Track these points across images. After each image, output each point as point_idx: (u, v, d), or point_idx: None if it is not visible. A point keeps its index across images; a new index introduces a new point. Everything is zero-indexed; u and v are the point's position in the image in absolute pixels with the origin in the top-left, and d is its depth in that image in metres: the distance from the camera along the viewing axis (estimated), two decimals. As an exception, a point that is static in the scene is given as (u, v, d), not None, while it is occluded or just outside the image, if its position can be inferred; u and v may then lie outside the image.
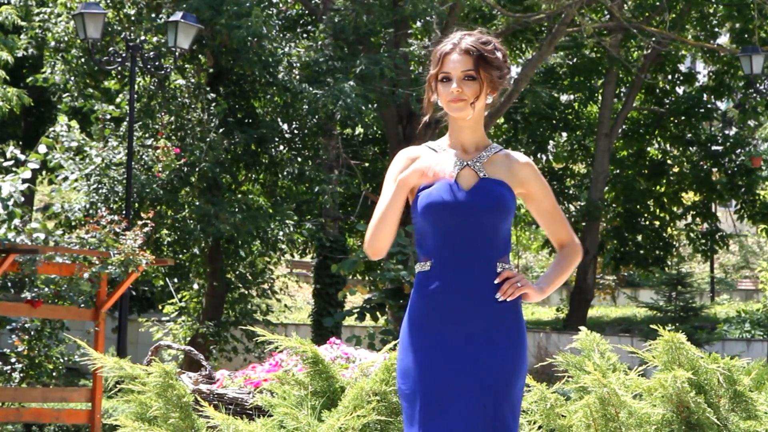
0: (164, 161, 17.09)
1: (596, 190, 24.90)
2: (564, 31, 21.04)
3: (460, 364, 3.72)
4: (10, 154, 11.73)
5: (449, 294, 3.76)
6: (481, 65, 3.79)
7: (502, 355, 3.73)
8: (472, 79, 3.79)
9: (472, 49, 3.79)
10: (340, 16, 18.84)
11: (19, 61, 20.26)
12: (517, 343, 3.77)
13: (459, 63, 3.79)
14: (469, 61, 3.79)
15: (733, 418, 5.13)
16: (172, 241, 18.34)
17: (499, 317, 3.76)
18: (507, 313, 3.77)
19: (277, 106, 18.83)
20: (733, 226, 30.79)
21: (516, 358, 3.76)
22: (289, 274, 24.68)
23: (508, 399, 3.72)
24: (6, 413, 11.83)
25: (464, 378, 3.70)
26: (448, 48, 3.81)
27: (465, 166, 3.84)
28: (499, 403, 3.70)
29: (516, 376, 3.76)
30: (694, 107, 25.78)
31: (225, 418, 5.21)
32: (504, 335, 3.75)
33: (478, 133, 3.88)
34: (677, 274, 22.26)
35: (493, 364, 3.71)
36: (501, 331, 3.75)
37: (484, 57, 3.79)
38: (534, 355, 21.71)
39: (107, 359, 5.74)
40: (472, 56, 3.78)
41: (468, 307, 3.74)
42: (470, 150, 3.88)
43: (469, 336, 3.73)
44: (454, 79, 3.79)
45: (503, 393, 3.71)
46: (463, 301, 3.75)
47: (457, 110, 3.81)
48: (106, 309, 11.85)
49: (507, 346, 3.74)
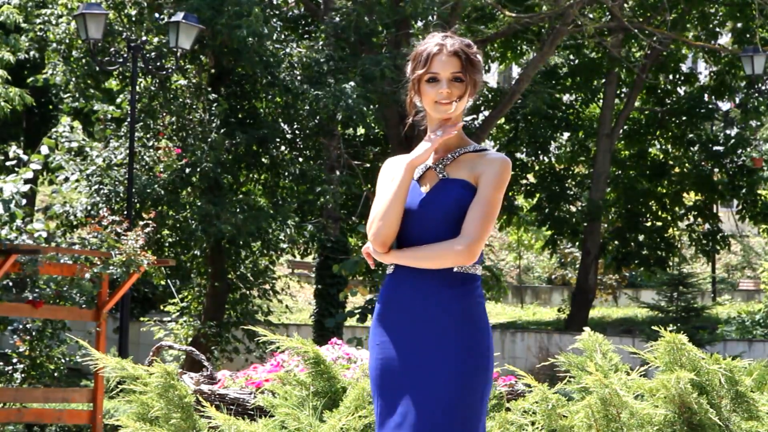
0: (165, 161, 17.10)
1: (597, 190, 24.90)
2: (565, 32, 21.04)
3: (411, 368, 3.67)
4: (13, 155, 11.74)
5: (406, 297, 3.73)
6: (468, 68, 3.77)
7: (453, 360, 3.64)
8: (460, 81, 3.77)
9: (460, 52, 3.77)
10: (341, 16, 18.85)
11: (20, 62, 20.27)
12: (470, 348, 3.66)
13: (447, 64, 3.76)
14: (457, 63, 3.76)
15: (734, 419, 5.12)
16: (173, 242, 18.34)
17: (454, 321, 3.67)
18: (462, 315, 3.69)
19: (279, 106, 18.83)
20: (735, 226, 30.79)
21: (469, 365, 3.65)
22: (291, 275, 24.70)
23: (463, 409, 3.63)
24: (7, 414, 11.83)
25: (415, 382, 3.66)
26: (435, 49, 3.78)
27: (428, 168, 3.81)
28: (452, 413, 3.62)
29: (470, 384, 3.64)
30: (695, 107, 25.77)
31: (226, 419, 5.21)
32: (458, 340, 3.66)
33: (455, 134, 3.82)
34: (679, 275, 22.25)
35: (444, 373, 3.64)
36: (455, 335, 3.66)
37: (470, 60, 3.78)
38: (535, 356, 21.72)
39: (109, 359, 5.75)
40: (461, 58, 3.76)
41: (422, 311, 3.69)
42: (439, 152, 3.83)
43: (421, 340, 3.68)
44: (443, 81, 3.76)
45: (455, 403, 3.62)
46: (417, 304, 3.70)
47: (445, 112, 3.78)
48: (107, 309, 11.86)
49: (461, 351, 3.65)
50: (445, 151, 3.82)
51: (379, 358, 3.74)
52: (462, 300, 3.70)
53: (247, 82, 18.74)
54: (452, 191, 3.74)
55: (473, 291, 3.72)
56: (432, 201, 3.74)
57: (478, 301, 3.73)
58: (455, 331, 3.67)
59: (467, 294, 3.72)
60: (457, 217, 3.71)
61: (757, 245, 34.75)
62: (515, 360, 21.63)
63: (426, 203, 3.74)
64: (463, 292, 3.71)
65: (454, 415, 3.61)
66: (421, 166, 3.81)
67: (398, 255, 3.73)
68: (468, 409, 3.64)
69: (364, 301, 19.00)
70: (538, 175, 26.66)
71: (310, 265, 26.98)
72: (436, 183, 3.77)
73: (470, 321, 3.69)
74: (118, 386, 5.73)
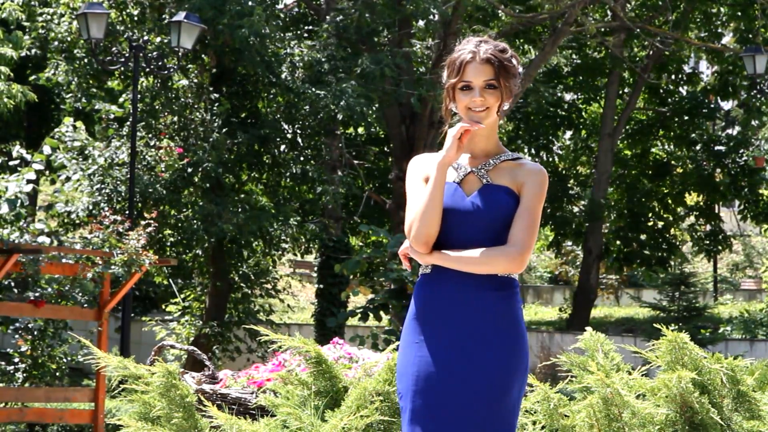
0: (167, 161, 17.10)
1: (599, 190, 24.88)
2: (567, 31, 21.03)
3: (452, 368, 3.71)
4: (16, 154, 11.75)
5: (446, 297, 3.77)
6: (501, 74, 3.80)
7: (495, 362, 3.70)
8: (493, 88, 3.80)
9: (492, 59, 3.79)
10: (343, 16, 18.85)
11: (22, 61, 20.26)
12: (512, 349, 3.73)
13: (480, 72, 3.79)
14: (490, 71, 3.79)
15: (736, 418, 5.12)
16: (175, 241, 18.34)
17: (495, 323, 3.73)
18: (503, 318, 3.75)
19: (280, 106, 18.84)
20: (737, 226, 30.76)
21: (510, 366, 3.72)
22: (292, 274, 24.71)
23: (501, 408, 3.69)
24: (9, 413, 11.84)
25: (455, 384, 3.70)
26: (468, 57, 3.80)
27: (470, 172, 3.84)
28: (492, 412, 3.68)
29: (509, 385, 3.71)
30: (697, 107, 25.77)
31: (228, 418, 5.21)
32: (498, 341, 3.72)
33: (491, 141, 3.88)
34: (680, 274, 22.24)
35: (485, 372, 3.69)
36: (495, 337, 3.72)
37: (504, 66, 3.80)
38: (537, 355, 21.71)
39: (111, 359, 5.75)
40: (494, 65, 3.79)
41: (463, 312, 3.74)
42: (479, 157, 3.87)
43: (462, 341, 3.72)
44: (476, 89, 3.79)
45: (495, 401, 3.68)
46: (458, 305, 3.74)
47: (480, 119, 3.81)
48: (109, 309, 11.86)
49: (501, 352, 3.71)
50: (485, 156, 3.87)
51: (418, 356, 3.77)
52: (504, 304, 3.76)
53: (248, 81, 18.75)
54: (498, 198, 3.79)
55: (514, 295, 3.79)
56: (477, 206, 3.78)
57: (519, 306, 3.80)
58: (497, 334, 3.73)
59: (509, 298, 3.78)
60: (500, 223, 3.77)
61: (758, 245, 34.74)
62: (517, 360, 21.59)
63: (470, 208, 3.78)
64: (504, 296, 3.77)
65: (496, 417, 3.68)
66: (462, 169, 3.85)
67: (443, 258, 3.76)
68: (507, 411, 3.71)
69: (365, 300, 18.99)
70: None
71: (311, 265, 26.98)
72: (479, 188, 3.82)
73: (512, 324, 3.76)
74: (119, 386, 5.73)
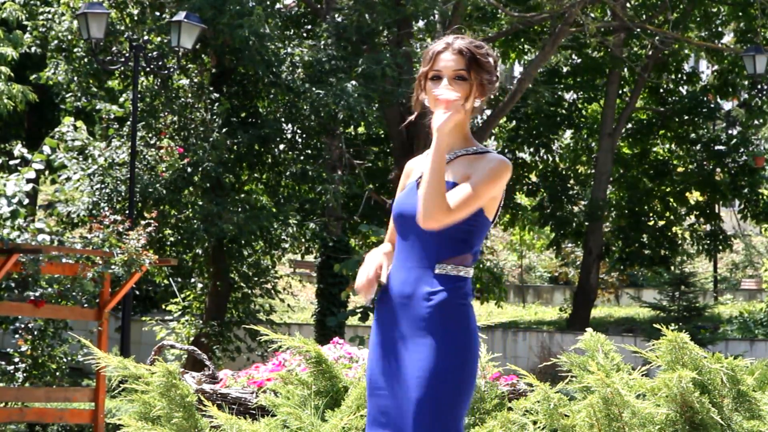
0: (167, 161, 17.10)
1: (599, 190, 24.88)
2: (567, 31, 21.04)
3: (391, 371, 3.70)
4: (17, 153, 11.74)
5: (392, 297, 3.75)
6: (473, 67, 3.73)
7: (426, 363, 3.62)
8: (463, 80, 3.74)
9: (465, 50, 3.74)
10: (343, 16, 18.85)
11: (22, 60, 20.27)
12: (446, 349, 3.62)
13: (451, 62, 3.74)
14: (461, 62, 3.73)
15: (736, 418, 5.12)
16: (175, 241, 18.34)
17: (429, 322, 3.65)
18: (435, 318, 3.66)
19: (280, 105, 18.84)
20: (737, 226, 30.76)
21: (443, 366, 3.61)
22: (293, 274, 24.70)
23: (434, 409, 3.61)
24: (9, 413, 11.83)
25: (394, 386, 3.69)
26: (441, 47, 3.76)
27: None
28: (423, 414, 3.61)
29: (439, 387, 3.61)
30: (697, 107, 25.78)
31: (228, 418, 5.21)
32: (429, 342, 3.64)
33: (459, 136, 3.79)
34: (680, 274, 22.25)
35: (416, 376, 3.63)
36: (427, 337, 3.64)
37: (476, 59, 3.74)
38: (537, 355, 21.72)
39: (111, 359, 5.75)
40: (465, 57, 3.73)
41: (402, 311, 3.70)
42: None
43: (400, 341, 3.69)
44: (445, 78, 3.73)
45: (427, 403, 3.61)
46: (398, 304, 3.71)
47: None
48: (109, 309, 11.86)
49: (434, 353, 3.62)
50: (449, 151, 3.78)
51: (370, 359, 3.81)
52: (441, 301, 3.67)
53: (248, 81, 18.75)
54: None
55: (454, 292, 3.69)
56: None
57: (460, 303, 3.69)
58: (433, 329, 3.65)
59: (447, 295, 3.68)
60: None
61: (759, 244, 34.75)
62: (517, 359, 21.63)
63: (417, 205, 3.70)
64: (441, 292, 3.68)
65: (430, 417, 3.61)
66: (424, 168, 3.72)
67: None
68: (442, 405, 3.62)
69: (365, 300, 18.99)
70: (540, 174, 26.65)
71: (311, 265, 26.98)
72: None
73: (449, 323, 3.66)
74: (120, 385, 5.73)
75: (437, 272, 3.69)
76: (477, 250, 3.76)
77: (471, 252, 3.73)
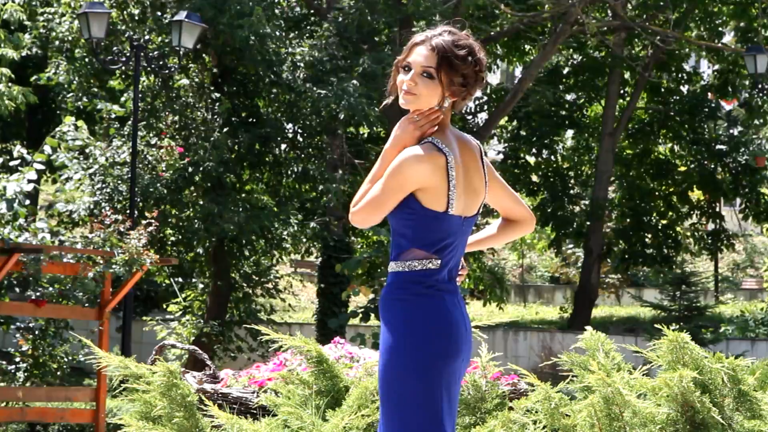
0: (168, 161, 17.11)
1: (600, 189, 24.88)
2: (568, 31, 21.03)
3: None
4: (17, 153, 11.75)
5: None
6: (443, 67, 3.63)
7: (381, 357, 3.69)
8: (430, 77, 3.64)
9: (440, 48, 3.63)
10: (344, 15, 18.85)
11: (23, 61, 20.27)
12: (381, 347, 3.68)
13: (422, 57, 3.65)
14: (432, 59, 3.63)
15: (737, 418, 5.12)
16: (176, 241, 18.35)
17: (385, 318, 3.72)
18: (382, 312, 3.71)
19: (281, 105, 18.84)
20: (738, 225, 30.75)
21: (382, 365, 3.66)
22: (294, 274, 24.69)
23: (384, 401, 3.67)
24: (10, 412, 11.84)
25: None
26: (420, 39, 3.68)
27: None
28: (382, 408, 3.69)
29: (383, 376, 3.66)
30: (698, 106, 25.77)
31: (229, 418, 5.21)
32: (383, 337, 3.70)
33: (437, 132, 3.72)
34: (681, 274, 22.24)
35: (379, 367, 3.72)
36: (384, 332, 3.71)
37: (449, 60, 3.63)
38: (538, 355, 21.71)
39: (112, 358, 5.75)
40: (437, 55, 3.63)
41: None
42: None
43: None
44: (412, 71, 3.65)
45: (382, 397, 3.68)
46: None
47: (405, 102, 3.69)
48: (110, 308, 11.86)
49: (380, 351, 3.70)
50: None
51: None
52: (384, 296, 3.72)
53: (249, 81, 18.75)
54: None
55: (391, 286, 3.69)
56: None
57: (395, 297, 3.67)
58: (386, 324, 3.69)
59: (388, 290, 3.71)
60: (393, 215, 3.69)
61: (760, 244, 34.75)
62: (518, 359, 21.63)
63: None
64: (387, 287, 3.71)
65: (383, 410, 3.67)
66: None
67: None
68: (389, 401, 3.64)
69: (366, 300, 18.99)
70: (541, 174, 26.64)
71: (312, 264, 26.98)
72: None
73: (386, 317, 3.69)
74: (121, 385, 5.73)
75: (390, 269, 3.72)
76: (430, 243, 3.68)
77: (418, 246, 3.68)
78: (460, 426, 5.31)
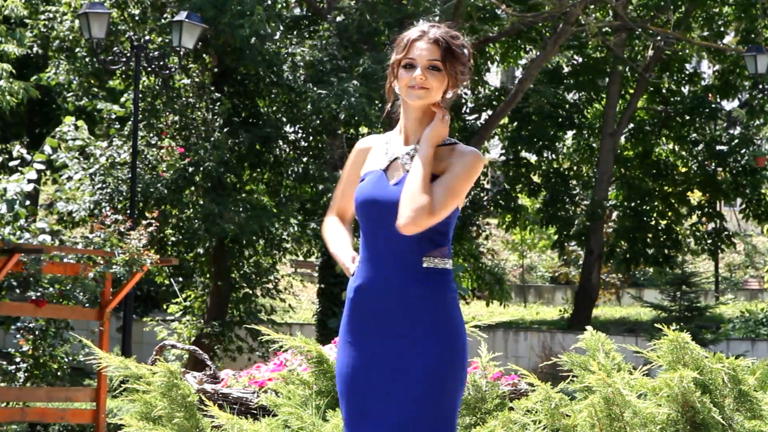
0: (169, 161, 17.11)
1: (601, 190, 24.87)
2: (569, 31, 21.02)
3: (382, 367, 3.58)
4: (16, 154, 11.74)
5: (370, 292, 3.65)
6: (448, 57, 3.66)
7: (424, 359, 3.54)
8: (437, 70, 3.65)
9: (441, 40, 3.65)
10: (345, 15, 18.85)
11: (23, 60, 20.26)
12: (443, 343, 3.55)
13: (426, 51, 3.65)
14: (436, 51, 3.65)
15: (737, 418, 5.12)
16: (176, 241, 18.35)
17: (422, 316, 3.57)
18: (432, 312, 3.57)
19: (282, 105, 18.84)
20: (737, 225, 30.76)
21: (442, 362, 3.54)
22: (294, 274, 24.70)
23: (436, 407, 3.53)
24: (11, 413, 11.84)
25: (387, 384, 3.56)
26: (416, 35, 3.68)
27: (395, 159, 3.71)
28: (424, 414, 3.52)
29: (443, 382, 3.53)
30: (699, 107, 25.77)
31: (229, 418, 5.21)
32: (426, 336, 3.55)
33: (426, 127, 3.69)
34: (682, 274, 22.24)
35: (416, 370, 3.54)
36: (424, 331, 3.55)
37: (451, 50, 3.66)
38: (538, 355, 21.71)
39: (112, 359, 5.75)
40: (440, 47, 3.65)
41: (389, 307, 3.60)
42: (412, 142, 3.71)
43: (390, 337, 3.58)
44: (419, 67, 3.66)
45: (428, 402, 3.52)
46: (383, 300, 3.61)
47: (417, 98, 3.67)
48: (110, 309, 11.86)
49: (431, 348, 3.54)
50: (415, 142, 3.72)
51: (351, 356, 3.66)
52: (432, 296, 3.59)
53: (250, 81, 18.75)
54: None
55: (446, 285, 3.62)
56: (398, 194, 3.62)
57: (450, 297, 3.61)
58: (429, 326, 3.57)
59: (437, 288, 3.60)
60: None
61: (760, 244, 34.74)
62: (518, 359, 21.62)
63: (392, 196, 3.62)
64: (432, 286, 3.60)
65: (431, 416, 3.53)
66: (390, 155, 3.72)
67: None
68: (446, 408, 3.55)
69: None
70: (542, 174, 26.63)
71: (313, 265, 26.98)
72: (402, 176, 3.67)
73: (444, 309, 3.59)
74: (121, 385, 5.73)
75: (425, 266, 3.60)
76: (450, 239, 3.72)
77: (449, 244, 3.67)
78: (460, 426, 5.31)
